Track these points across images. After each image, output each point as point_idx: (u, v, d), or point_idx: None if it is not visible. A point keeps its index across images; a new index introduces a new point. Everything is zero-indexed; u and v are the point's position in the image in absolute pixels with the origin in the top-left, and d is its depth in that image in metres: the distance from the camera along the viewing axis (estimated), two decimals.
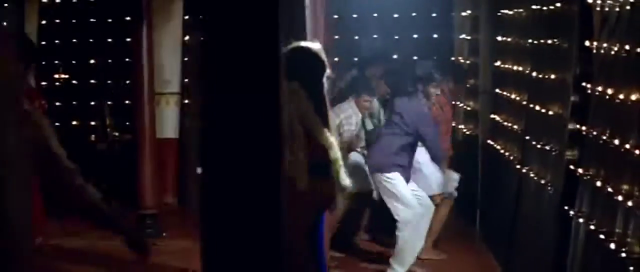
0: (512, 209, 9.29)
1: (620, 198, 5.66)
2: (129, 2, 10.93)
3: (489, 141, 10.74)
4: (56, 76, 13.12)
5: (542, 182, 7.93)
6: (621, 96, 5.97)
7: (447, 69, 10.68)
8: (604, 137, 6.19)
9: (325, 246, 6.40)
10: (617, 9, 6.27)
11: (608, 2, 6.50)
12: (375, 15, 12.98)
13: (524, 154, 9.00)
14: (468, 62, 12.06)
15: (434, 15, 12.80)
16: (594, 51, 6.76)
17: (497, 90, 10.54)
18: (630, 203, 5.49)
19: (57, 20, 13.42)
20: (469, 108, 12.00)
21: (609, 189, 5.90)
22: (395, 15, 12.87)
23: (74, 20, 13.45)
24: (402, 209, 9.04)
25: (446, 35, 12.63)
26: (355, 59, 12.20)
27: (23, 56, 11.79)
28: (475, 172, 11.25)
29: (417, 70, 9.99)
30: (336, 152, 4.17)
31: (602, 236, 5.92)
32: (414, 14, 12.82)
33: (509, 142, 9.86)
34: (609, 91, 6.15)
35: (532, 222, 8.41)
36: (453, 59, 12.43)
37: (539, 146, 8.18)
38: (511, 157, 9.48)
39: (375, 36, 12.96)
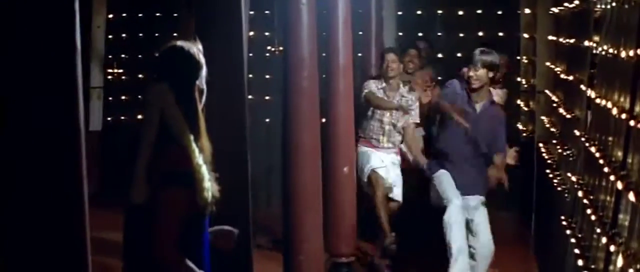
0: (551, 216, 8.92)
1: (589, 211, 5.27)
2: None
3: (539, 144, 10.33)
4: (109, 70, 13.13)
5: (559, 189, 7.55)
6: (604, 102, 5.58)
7: None
8: (588, 144, 5.81)
9: None
10: (609, 7, 5.88)
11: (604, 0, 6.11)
12: (440, 12, 12.63)
13: (558, 158, 8.63)
14: (526, 60, 11.66)
15: (499, 12, 12.38)
16: (594, 52, 6.37)
17: (547, 91, 10.13)
18: (593, 217, 5.11)
19: (124, 15, 13.46)
20: (526, 109, 11.60)
21: (585, 201, 5.52)
22: (460, 13, 12.50)
23: (140, 15, 13.46)
24: None
25: (512, 34, 12.19)
26: None
27: None
28: (532, 174, 10.86)
29: None
30: (198, 159, 3.95)
31: (577, 251, 5.53)
32: (479, 12, 12.42)
33: (552, 145, 9.46)
34: (592, 95, 5.76)
35: (558, 231, 8.02)
36: (518, 58, 12.02)
37: (559, 150, 7.81)
38: (549, 161, 9.08)
39: (439, 34, 12.62)
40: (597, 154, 5.30)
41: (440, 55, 12.24)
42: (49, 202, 3.03)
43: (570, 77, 7.57)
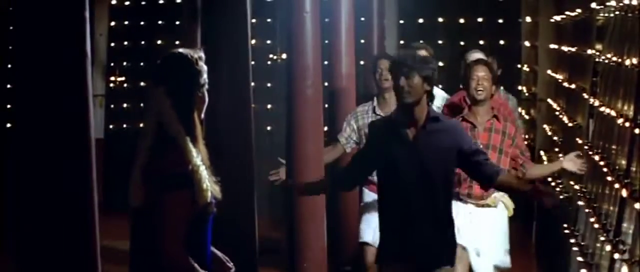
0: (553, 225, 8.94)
1: (592, 219, 5.30)
2: (186, 3, 10.85)
3: (541, 152, 10.36)
4: (112, 78, 13.14)
5: (562, 197, 7.57)
6: (607, 111, 5.60)
7: None
8: (591, 153, 5.84)
9: None
10: (612, 16, 5.91)
11: (608, 8, 6.13)
12: (441, 20, 12.67)
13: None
14: (527, 68, 11.69)
15: (500, 21, 12.41)
16: (597, 60, 6.40)
17: (548, 99, 10.17)
18: (597, 225, 5.13)
19: (126, 22, 13.47)
20: (527, 117, 11.62)
21: (588, 209, 5.55)
22: (461, 21, 12.53)
23: (142, 23, 13.48)
24: None
25: (513, 42, 12.23)
26: None
27: None
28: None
29: None
30: (196, 160, 4.00)
31: (580, 259, 5.56)
32: (480, 20, 12.45)
33: (553, 154, 9.48)
34: (595, 103, 5.79)
35: (559, 239, 8.04)
36: (519, 66, 12.06)
37: (561, 158, 7.82)
38: None
39: (440, 42, 12.63)
40: (601, 162, 5.32)
41: (441, 64, 12.24)
42: (60, 207, 3.07)
43: (572, 85, 7.59)
